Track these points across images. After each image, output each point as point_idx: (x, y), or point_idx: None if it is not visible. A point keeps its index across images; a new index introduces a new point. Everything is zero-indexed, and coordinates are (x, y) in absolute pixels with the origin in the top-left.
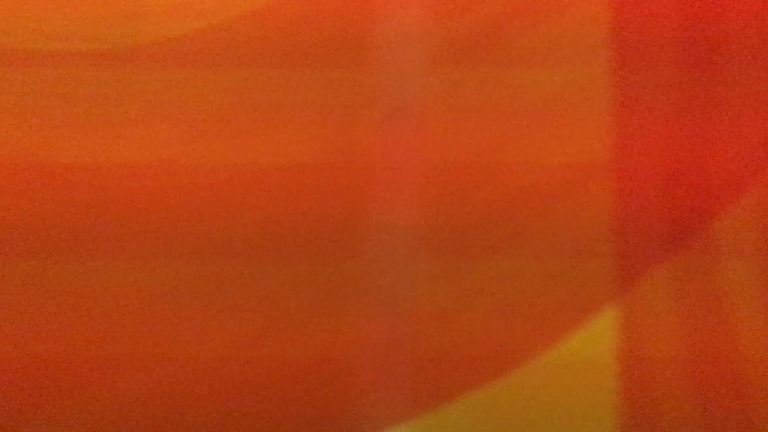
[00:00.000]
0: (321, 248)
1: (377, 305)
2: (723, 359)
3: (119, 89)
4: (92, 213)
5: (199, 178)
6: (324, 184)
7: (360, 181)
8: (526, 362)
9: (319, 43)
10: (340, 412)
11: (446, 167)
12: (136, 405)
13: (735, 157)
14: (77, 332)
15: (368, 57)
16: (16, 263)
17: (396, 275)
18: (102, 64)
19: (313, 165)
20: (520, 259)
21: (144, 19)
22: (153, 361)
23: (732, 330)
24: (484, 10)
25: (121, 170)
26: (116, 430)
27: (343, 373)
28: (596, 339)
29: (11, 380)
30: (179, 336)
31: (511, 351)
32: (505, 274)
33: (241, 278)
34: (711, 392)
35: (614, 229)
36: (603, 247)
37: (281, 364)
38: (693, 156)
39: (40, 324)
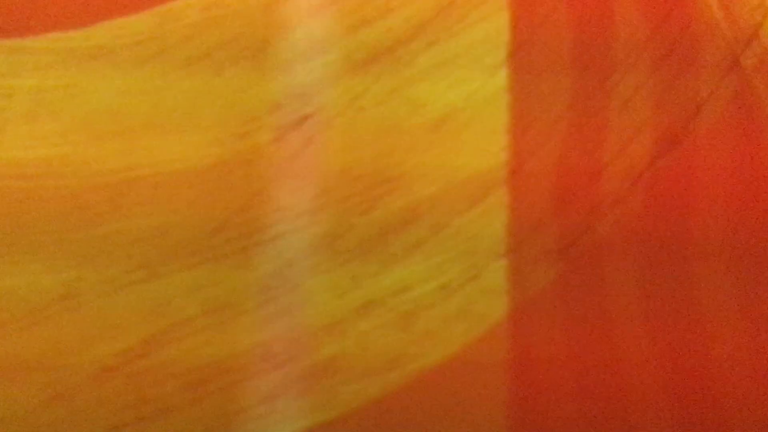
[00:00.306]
0: (216, 255)
1: (273, 315)
2: (608, 362)
3: (4, 83)
4: None
5: (91, 181)
6: (221, 190)
7: (258, 189)
8: (420, 370)
9: (221, 47)
10: (233, 421)
11: (346, 178)
12: (17, 414)
13: (621, 169)
14: None
15: (271, 69)
16: None
17: (293, 284)
18: None
19: (211, 171)
20: (416, 270)
21: (39, 10)
22: (38, 369)
23: (616, 334)
24: (387, 24)
25: (5, 170)
26: None
27: (237, 381)
28: (489, 346)
29: None
30: (66, 342)
31: (406, 360)
32: (401, 283)
33: (133, 284)
34: (596, 394)
35: (508, 240)
36: (497, 257)
37: (173, 372)
38: (582, 170)
39: None
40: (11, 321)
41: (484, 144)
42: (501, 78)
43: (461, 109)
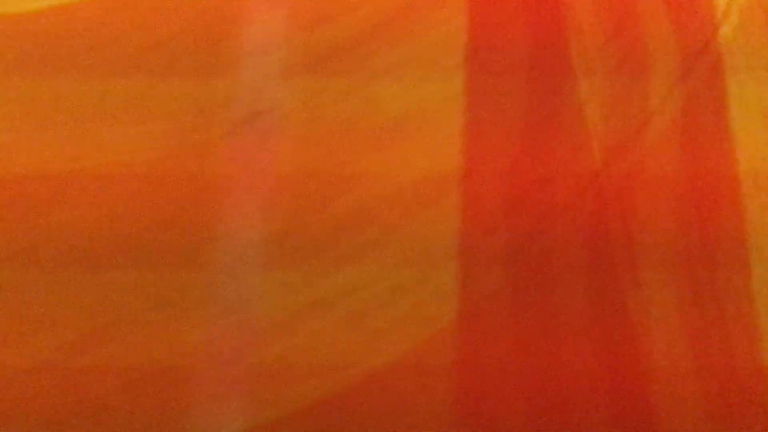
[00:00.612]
0: (163, 251)
1: (221, 313)
2: (553, 365)
3: None
4: None
5: (34, 170)
6: (171, 184)
7: (209, 184)
8: (369, 371)
9: (174, 37)
10: (177, 420)
11: (299, 176)
12: None
13: (571, 175)
14: None
15: (226, 63)
16: None
17: (242, 283)
18: None
19: (160, 164)
20: (367, 270)
21: None
22: None
23: (562, 338)
24: (344, 23)
25: None
26: None
27: (182, 379)
28: (438, 347)
29: None
30: (2, 336)
31: (356, 360)
32: (352, 283)
33: (74, 278)
34: (541, 396)
35: (459, 243)
36: (448, 260)
37: (115, 368)
38: (535, 179)
39: None
40: None
41: (438, 146)
42: (457, 81)
43: (417, 110)
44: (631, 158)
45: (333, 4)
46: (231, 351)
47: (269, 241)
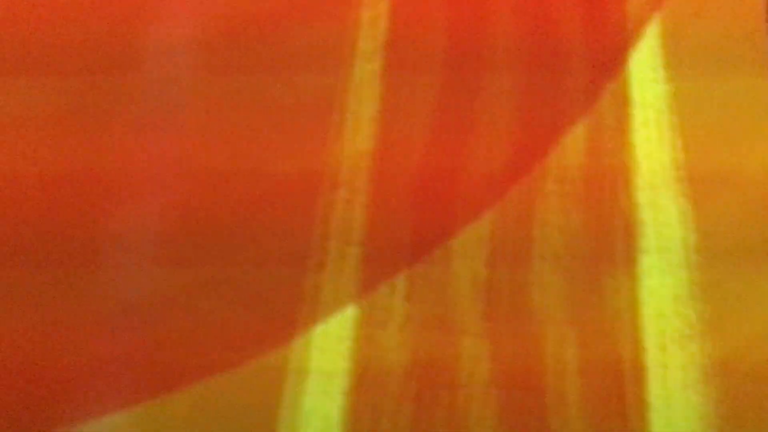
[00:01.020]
0: (58, 255)
1: (109, 284)
2: (446, 365)
3: None
4: None
5: None
6: (67, 142)
7: (103, 189)
8: (260, 356)
9: (72, 46)
10: (61, 402)
11: (205, 144)
12: None
13: (478, 174)
14: None
15: (125, 64)
16: None
17: (130, 268)
18: None
19: (59, 172)
20: (267, 249)
21: None
22: None
23: (458, 334)
24: (248, 15)
25: None
26: None
27: (62, 355)
28: (334, 332)
29: None
30: None
31: (245, 345)
32: (250, 263)
33: None
34: (433, 397)
35: (363, 231)
36: (350, 247)
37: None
38: (444, 173)
39: None
40: None
41: (351, 129)
42: (376, 66)
43: (331, 94)
44: (539, 157)
45: None
46: (114, 330)
47: (169, 212)
